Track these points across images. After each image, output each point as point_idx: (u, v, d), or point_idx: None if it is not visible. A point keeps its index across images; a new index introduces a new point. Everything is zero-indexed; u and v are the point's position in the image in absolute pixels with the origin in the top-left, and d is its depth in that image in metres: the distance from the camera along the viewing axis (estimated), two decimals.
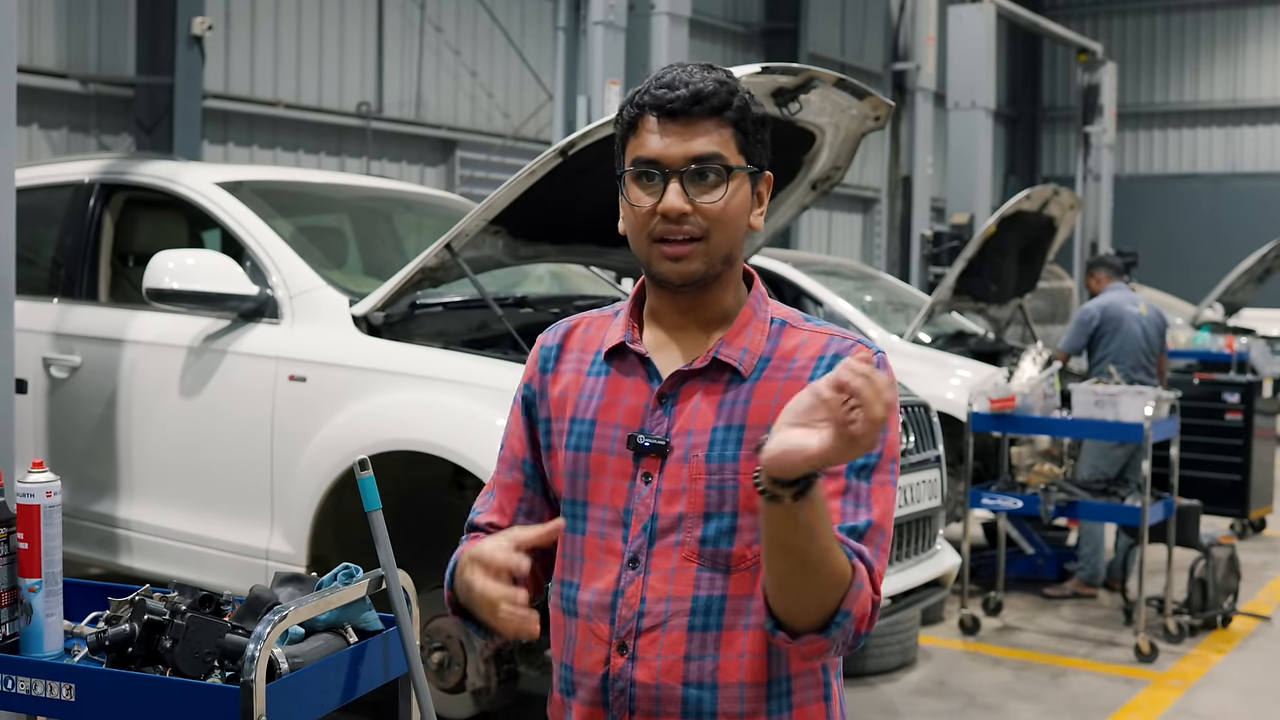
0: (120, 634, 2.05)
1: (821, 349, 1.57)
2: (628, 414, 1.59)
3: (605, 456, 1.59)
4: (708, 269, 1.55)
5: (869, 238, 19.27)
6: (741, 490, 1.52)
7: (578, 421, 1.62)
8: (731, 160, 1.54)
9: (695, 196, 1.53)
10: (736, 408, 1.54)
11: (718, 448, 1.53)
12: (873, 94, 4.05)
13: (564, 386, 1.65)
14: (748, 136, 1.55)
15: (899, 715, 4.61)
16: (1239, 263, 13.70)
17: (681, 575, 1.53)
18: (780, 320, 1.61)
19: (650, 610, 1.54)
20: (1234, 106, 22.15)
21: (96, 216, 4.75)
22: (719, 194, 1.53)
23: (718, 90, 1.53)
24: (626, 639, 1.55)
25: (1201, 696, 4.94)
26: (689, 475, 1.54)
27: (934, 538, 4.86)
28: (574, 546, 1.62)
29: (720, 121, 1.53)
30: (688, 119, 1.53)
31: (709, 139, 1.53)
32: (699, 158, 1.52)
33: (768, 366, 1.57)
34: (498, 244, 4.12)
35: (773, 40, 17.34)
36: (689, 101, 1.52)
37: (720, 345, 1.57)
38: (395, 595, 2.13)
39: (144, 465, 4.35)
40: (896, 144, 11.76)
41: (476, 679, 3.85)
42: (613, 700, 1.56)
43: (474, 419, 3.70)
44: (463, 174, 13.67)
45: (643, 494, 1.56)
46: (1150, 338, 6.61)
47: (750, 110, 1.56)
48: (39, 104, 9.89)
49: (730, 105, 1.54)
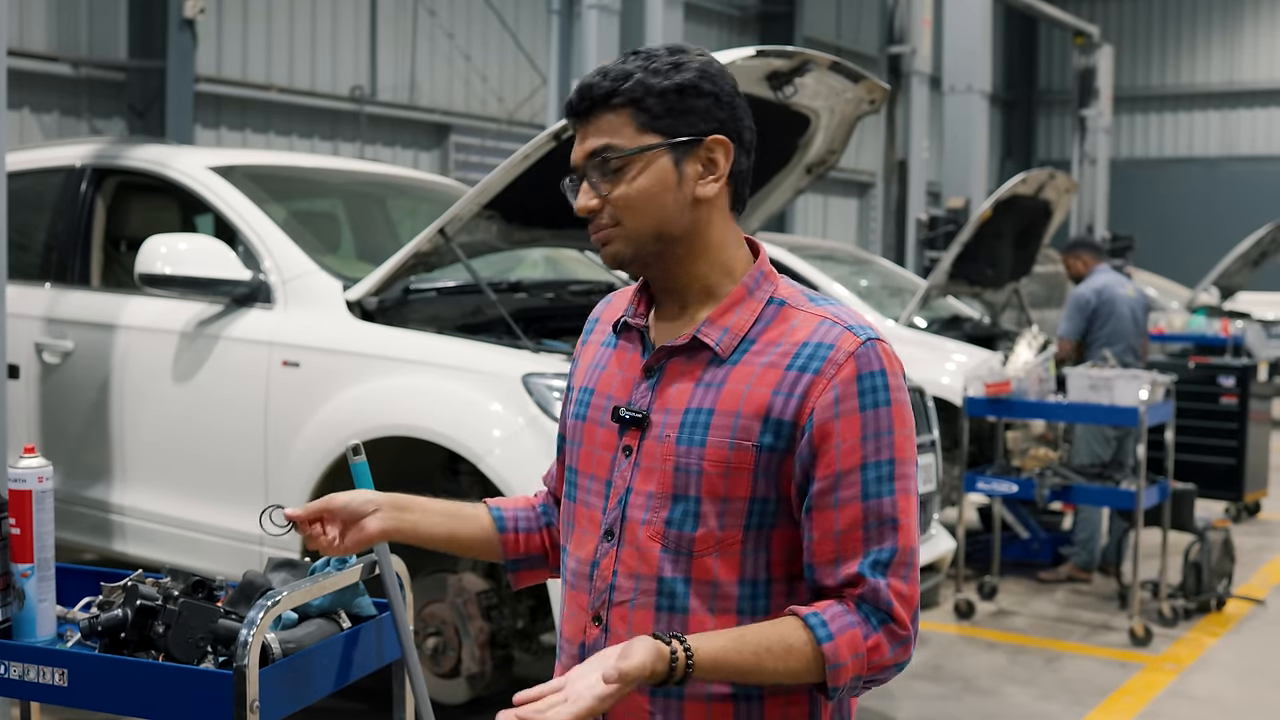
0: (113, 619, 2.04)
1: (809, 334, 1.52)
2: (621, 385, 1.60)
3: (596, 426, 1.61)
4: (635, 250, 1.55)
5: (864, 222, 19.27)
6: (705, 476, 1.50)
7: (583, 390, 1.66)
8: (627, 144, 1.53)
9: (602, 189, 1.55)
10: (710, 391, 1.53)
11: (686, 430, 1.52)
12: (868, 77, 4.03)
13: (588, 357, 1.70)
14: (653, 113, 1.53)
15: (894, 699, 4.62)
16: (1235, 246, 13.72)
17: (648, 555, 1.53)
18: (780, 301, 1.56)
19: (620, 585, 1.55)
20: (1230, 90, 22.13)
21: (88, 201, 4.73)
22: (618, 181, 1.54)
23: (599, 82, 1.54)
24: (601, 610, 1.56)
25: (1196, 679, 4.95)
26: (661, 454, 1.53)
27: (929, 522, 4.86)
28: (569, 514, 1.65)
29: (611, 109, 1.53)
30: (585, 118, 1.55)
31: (601, 132, 1.54)
32: (591, 153, 1.55)
33: (749, 351, 1.53)
34: (492, 229, 4.11)
35: (768, 23, 17.29)
36: (578, 101, 1.56)
37: (703, 325, 1.56)
38: (389, 580, 2.12)
39: (137, 450, 4.34)
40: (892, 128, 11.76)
41: (471, 664, 3.85)
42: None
43: (468, 404, 3.69)
44: (457, 158, 13.64)
45: (622, 467, 1.57)
46: (1139, 320, 6.62)
47: (653, 85, 1.52)
48: (30, 88, 9.85)
49: (615, 91, 1.53)
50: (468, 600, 3.84)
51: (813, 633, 1.45)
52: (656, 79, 1.52)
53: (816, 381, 1.48)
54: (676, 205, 1.54)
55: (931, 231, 11.06)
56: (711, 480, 1.50)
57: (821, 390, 1.48)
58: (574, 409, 1.66)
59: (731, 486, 1.50)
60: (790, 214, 17.40)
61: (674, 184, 1.54)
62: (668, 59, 1.54)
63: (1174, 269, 16.62)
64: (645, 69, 1.53)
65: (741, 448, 1.49)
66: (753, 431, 1.49)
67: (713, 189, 1.55)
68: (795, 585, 1.53)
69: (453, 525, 1.74)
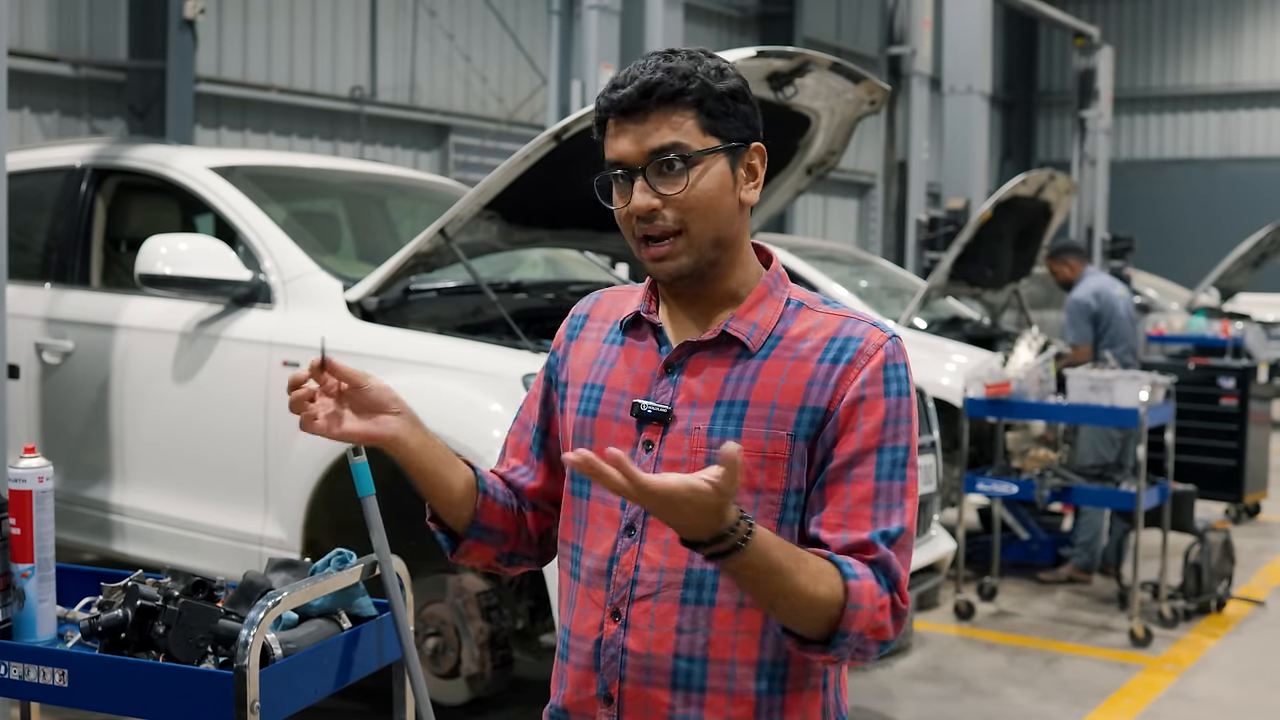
0: (113, 620, 2.04)
1: (835, 330, 1.55)
2: (636, 382, 1.59)
3: (610, 422, 1.60)
4: (696, 260, 1.54)
5: (864, 223, 19.28)
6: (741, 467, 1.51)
7: (589, 387, 1.64)
8: (695, 144, 1.51)
9: (663, 190, 1.51)
10: (742, 384, 1.54)
11: (719, 422, 1.53)
12: (868, 78, 4.03)
13: (584, 354, 1.68)
14: (714, 115, 1.52)
15: (894, 700, 4.62)
16: (1234, 247, 13.71)
17: (675, 547, 1.51)
18: (797, 302, 1.59)
19: (643, 579, 1.54)
20: (1230, 91, 22.13)
21: (89, 201, 4.73)
22: (684, 182, 1.51)
23: (666, 79, 1.51)
24: (620, 605, 1.55)
25: (1195, 681, 4.95)
26: (690, 448, 1.53)
27: (929, 523, 4.86)
28: (579, 510, 1.63)
29: (675, 107, 1.51)
30: (642, 114, 1.51)
31: (665, 129, 1.51)
32: (656, 150, 1.51)
33: (778, 346, 1.55)
34: (492, 229, 4.11)
35: (768, 24, 17.30)
36: (638, 96, 1.51)
37: (731, 319, 1.56)
38: (389, 580, 2.12)
39: (137, 451, 4.34)
40: (892, 129, 11.75)
41: (471, 664, 3.85)
42: (604, 666, 1.56)
43: (468, 404, 3.69)
44: (457, 159, 13.63)
45: (643, 461, 1.55)
46: (1133, 320, 6.66)
47: (713, 87, 1.52)
48: (30, 88, 9.85)
49: (684, 90, 1.51)
50: (468, 601, 3.84)
51: (840, 569, 1.46)
52: (714, 81, 1.53)
53: (849, 370, 1.52)
54: (730, 210, 1.55)
55: (931, 232, 11.05)
56: (748, 471, 1.50)
57: (854, 377, 1.52)
58: (580, 405, 1.64)
59: (768, 478, 1.52)
60: (790, 215, 17.40)
61: (730, 187, 1.55)
62: (711, 63, 1.54)
63: (1174, 270, 16.63)
64: (700, 71, 1.52)
65: (777, 437, 1.51)
66: (789, 421, 1.51)
67: (756, 194, 1.57)
68: None
69: (447, 466, 1.66)
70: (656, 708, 1.53)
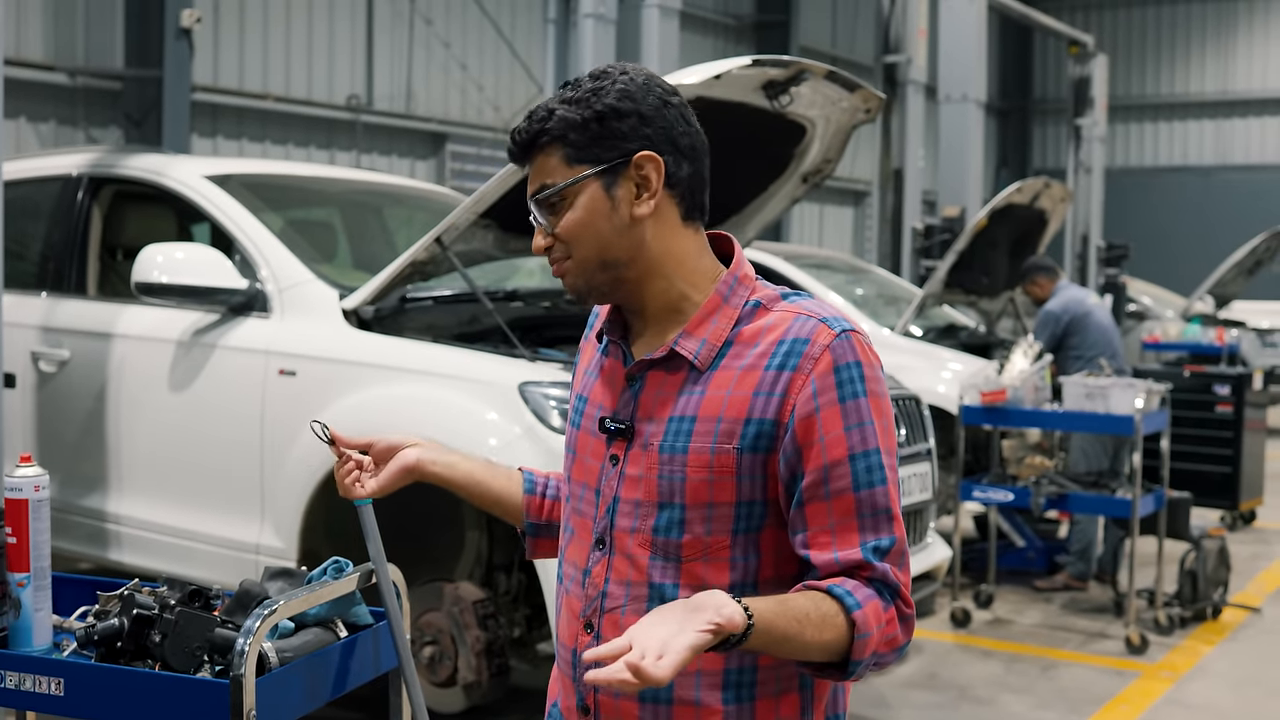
0: (109, 628, 2.04)
1: (784, 331, 1.53)
2: (608, 395, 1.62)
3: (588, 436, 1.63)
4: (587, 281, 1.58)
5: (860, 231, 19.29)
6: (689, 483, 1.52)
7: (579, 398, 1.68)
8: (560, 179, 1.55)
9: (551, 226, 1.58)
10: (692, 398, 1.54)
11: (670, 438, 1.54)
12: (864, 86, 4.04)
13: (584, 360, 1.72)
14: (578, 145, 1.54)
15: (890, 708, 4.62)
16: (1229, 255, 13.74)
17: (638, 562, 1.54)
18: (755, 302, 1.57)
19: (611, 592, 1.56)
20: (1224, 99, 22.19)
21: (85, 210, 4.73)
22: (561, 216, 1.56)
23: (525, 126, 1.57)
24: (592, 617, 1.57)
25: (1191, 688, 4.95)
26: (645, 463, 1.55)
27: (925, 531, 4.86)
28: (566, 520, 1.67)
29: (539, 150, 1.57)
30: (525, 162, 1.59)
31: (537, 173, 1.58)
32: (533, 194, 1.58)
33: (728, 355, 1.54)
34: (488, 237, 4.11)
35: (763, 33, 17.32)
36: (513, 148, 1.59)
37: (680, 336, 1.56)
38: (385, 589, 2.12)
39: (133, 460, 4.33)
40: (887, 137, 11.77)
41: (468, 673, 3.84)
42: (580, 675, 1.58)
43: (464, 413, 3.69)
44: (453, 167, 13.64)
45: (609, 475, 1.58)
46: (1114, 329, 6.68)
47: (573, 119, 1.54)
48: (26, 97, 9.84)
49: (542, 131, 1.55)
50: (464, 609, 3.84)
51: (841, 602, 1.45)
52: (576, 111, 1.54)
53: (795, 378, 1.50)
54: (614, 229, 1.55)
55: (927, 240, 11.06)
56: (695, 486, 1.52)
57: (800, 386, 1.49)
58: (571, 416, 1.69)
59: (716, 492, 1.52)
60: (786, 223, 17.42)
61: (607, 210, 1.55)
62: (589, 86, 1.56)
63: (1169, 278, 16.65)
64: (566, 102, 1.55)
65: (723, 451, 1.51)
66: (734, 434, 1.51)
67: (648, 207, 1.55)
68: (786, 587, 1.53)
69: (485, 474, 1.80)
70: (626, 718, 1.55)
